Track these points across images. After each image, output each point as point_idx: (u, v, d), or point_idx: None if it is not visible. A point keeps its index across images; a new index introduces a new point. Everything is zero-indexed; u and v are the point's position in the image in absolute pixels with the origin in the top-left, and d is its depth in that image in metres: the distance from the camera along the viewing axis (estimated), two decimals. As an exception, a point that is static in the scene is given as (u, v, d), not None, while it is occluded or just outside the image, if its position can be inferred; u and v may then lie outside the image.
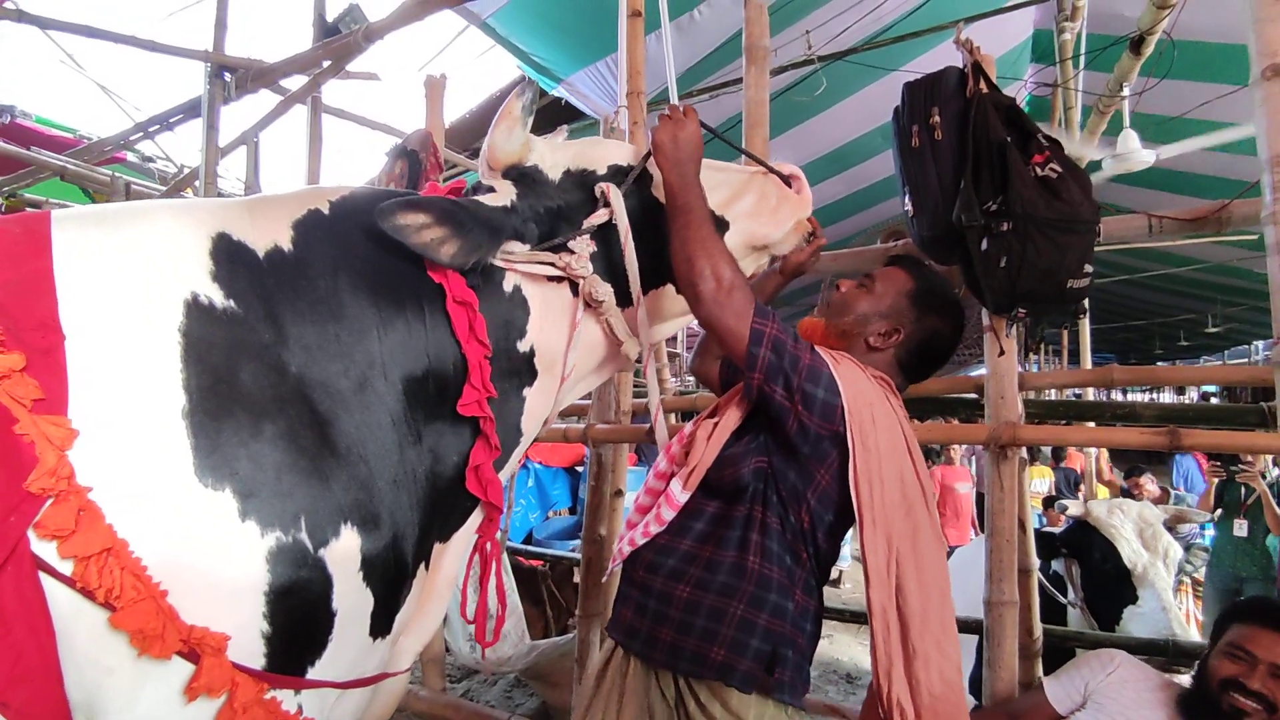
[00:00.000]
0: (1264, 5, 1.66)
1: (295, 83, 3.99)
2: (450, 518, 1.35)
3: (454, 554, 1.40)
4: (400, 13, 3.22)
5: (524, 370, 1.37)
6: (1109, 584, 2.62)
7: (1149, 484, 5.14)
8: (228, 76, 3.78)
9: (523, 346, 1.36)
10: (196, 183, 4.17)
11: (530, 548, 3.80)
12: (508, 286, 1.35)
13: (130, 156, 5.81)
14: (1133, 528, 2.66)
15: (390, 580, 1.18)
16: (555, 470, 5.54)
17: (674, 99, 3.19)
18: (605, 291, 1.38)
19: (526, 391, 1.39)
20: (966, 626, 2.28)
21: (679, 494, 1.37)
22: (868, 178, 6.23)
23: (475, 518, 1.40)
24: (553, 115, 5.70)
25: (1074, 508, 2.83)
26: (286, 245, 1.19)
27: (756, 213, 1.56)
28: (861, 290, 1.51)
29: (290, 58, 3.71)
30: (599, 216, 1.39)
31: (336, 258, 1.21)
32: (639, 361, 1.49)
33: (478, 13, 4.51)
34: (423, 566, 1.30)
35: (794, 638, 1.31)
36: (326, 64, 3.72)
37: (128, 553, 0.87)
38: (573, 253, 1.35)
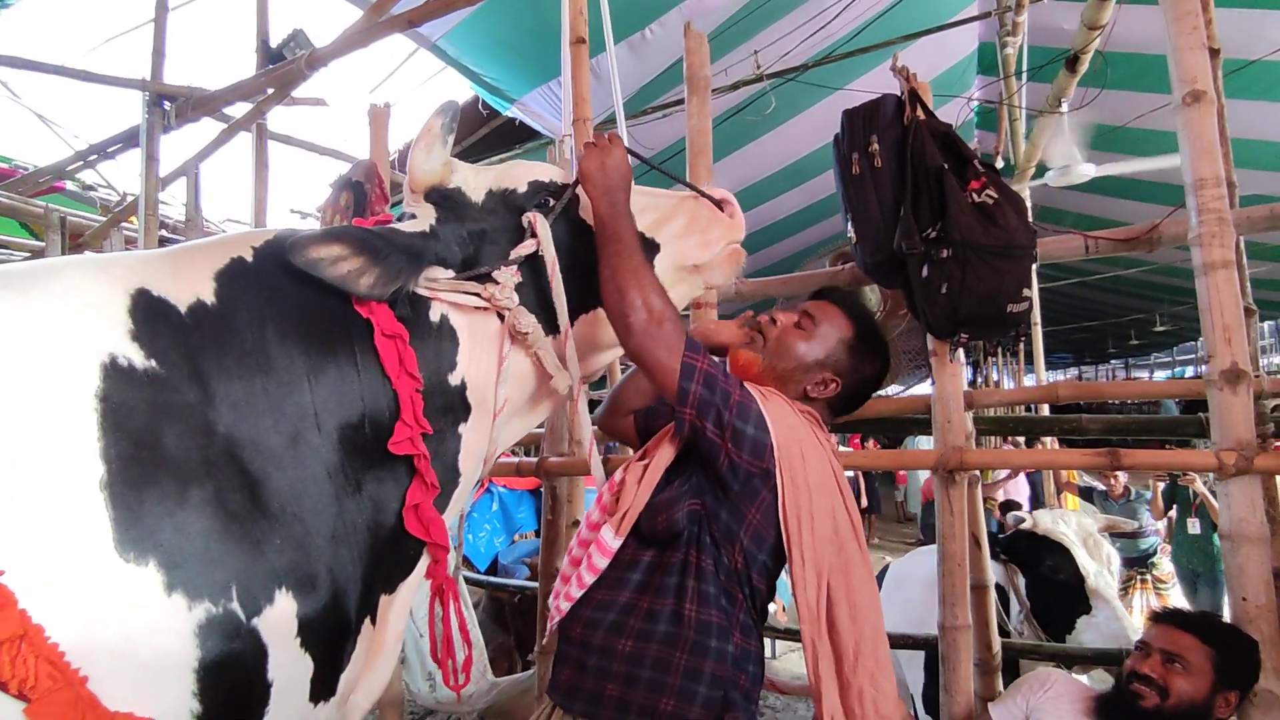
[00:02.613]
0: (1181, 33, 1.71)
1: (240, 109, 3.91)
2: (395, 567, 1.30)
3: (401, 605, 1.35)
4: (345, 39, 3.17)
5: (458, 405, 1.32)
6: (1060, 594, 2.65)
7: (1120, 476, 5.17)
8: (167, 105, 3.70)
9: (454, 380, 1.31)
10: (138, 213, 4.07)
11: (494, 579, 3.74)
12: (435, 317, 1.30)
13: (71, 185, 5.64)
14: (1076, 537, 2.71)
15: (332, 642, 1.13)
16: (520, 493, 5.47)
17: (621, 122, 3.19)
18: (529, 323, 1.34)
19: (462, 428, 1.34)
20: (916, 643, 2.31)
21: (610, 540, 1.33)
22: (823, 191, 6.30)
23: (422, 565, 1.35)
24: (507, 135, 5.68)
25: (1014, 517, 2.87)
26: (209, 298, 1.14)
27: (686, 234, 1.52)
28: (800, 332, 1.45)
29: (232, 85, 3.63)
30: (525, 247, 1.35)
31: (262, 306, 1.17)
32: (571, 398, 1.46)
33: (428, 35, 4.46)
34: (368, 621, 1.25)
35: (737, 679, 1.29)
36: (270, 91, 3.65)
37: (42, 639, 0.83)
38: (497, 283, 1.32)
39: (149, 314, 1.07)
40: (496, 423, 1.37)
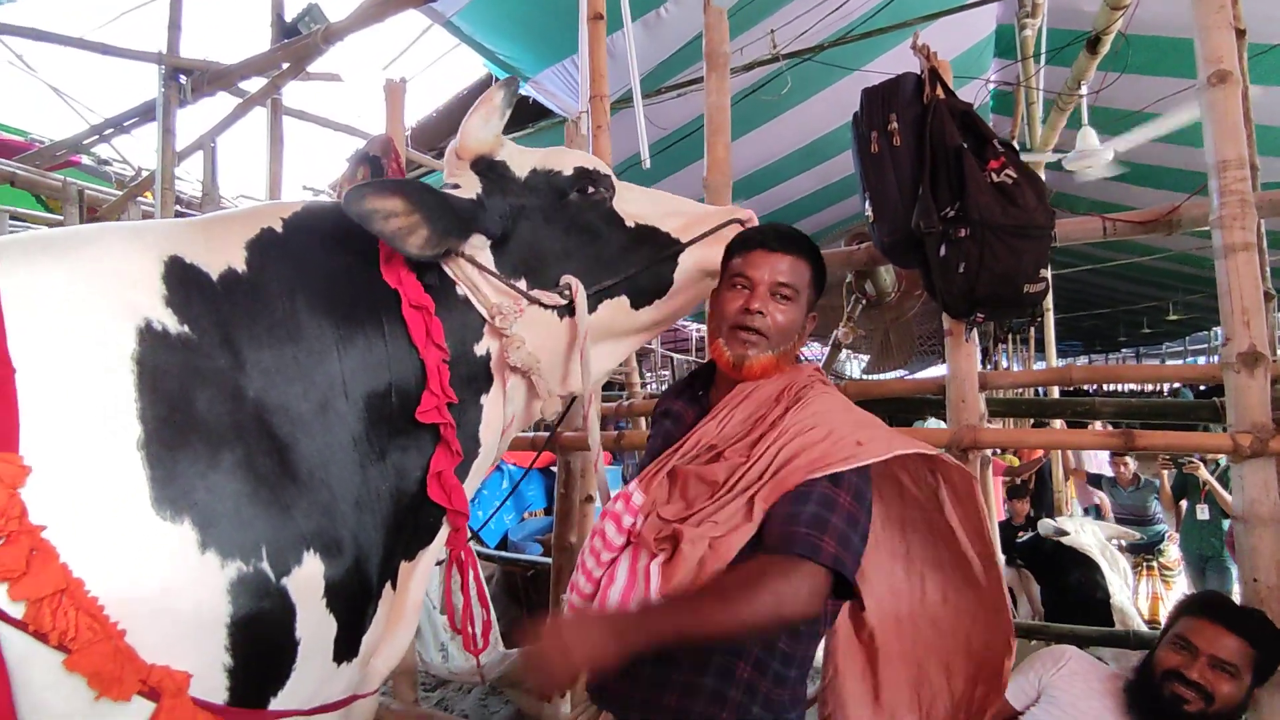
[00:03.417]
0: (1207, 13, 1.70)
1: (254, 84, 3.91)
2: (416, 534, 1.33)
3: (421, 573, 1.38)
4: (361, 13, 3.16)
5: (481, 376, 1.34)
6: (1083, 609, 2.56)
7: (1131, 463, 5.18)
8: (183, 79, 3.70)
9: (479, 350, 1.33)
10: (154, 187, 4.08)
11: (507, 554, 3.79)
12: (461, 291, 1.32)
13: (85, 160, 5.66)
14: (1098, 549, 2.67)
15: (354, 605, 1.17)
16: (530, 471, 5.52)
17: (637, 99, 3.18)
18: (524, 357, 1.33)
19: (484, 399, 1.36)
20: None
21: (656, 586, 1.24)
22: (840, 171, 6.26)
23: (442, 534, 1.38)
24: (520, 113, 5.66)
25: (1050, 523, 2.77)
26: (240, 267, 1.17)
27: (713, 243, 1.53)
28: (789, 304, 1.35)
29: (248, 60, 3.63)
30: (553, 299, 1.36)
31: (292, 277, 1.19)
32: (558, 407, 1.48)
33: (442, 11, 4.45)
34: (389, 586, 1.28)
35: (784, 702, 1.27)
36: (285, 65, 3.65)
37: (83, 592, 0.85)
38: (516, 311, 1.32)
39: (182, 281, 1.10)
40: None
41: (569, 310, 1.38)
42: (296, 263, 1.21)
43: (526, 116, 5.64)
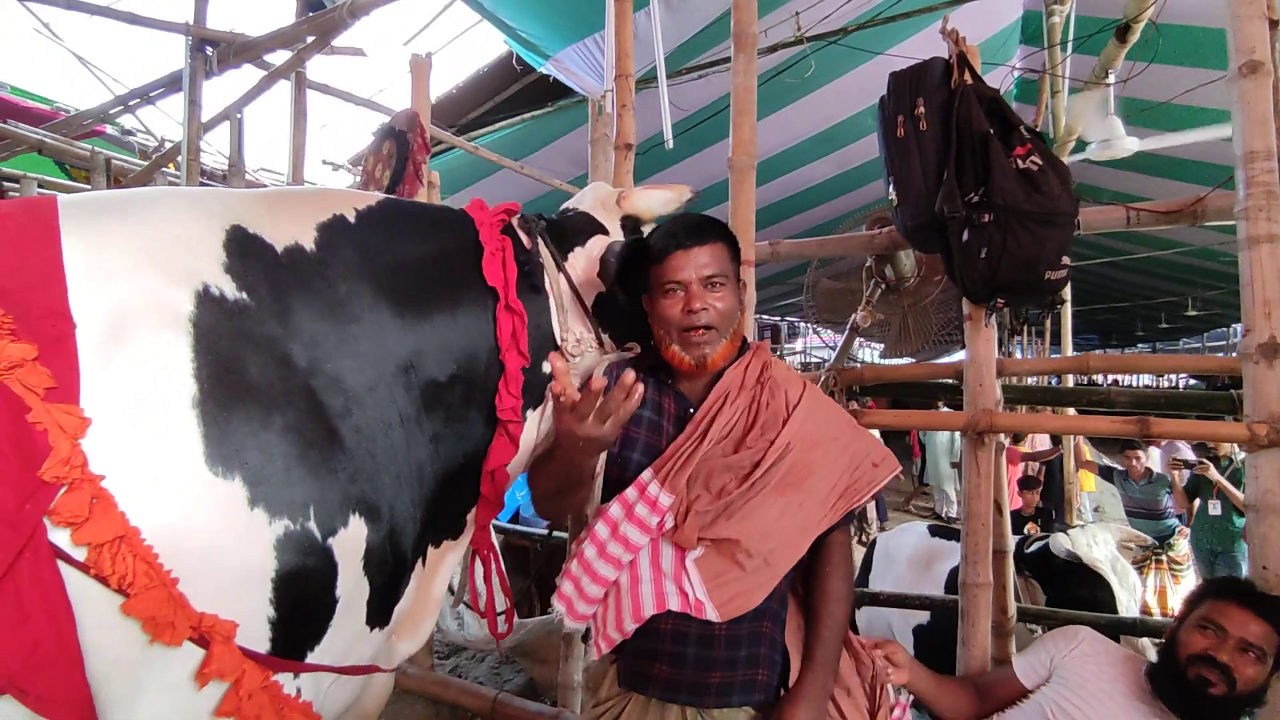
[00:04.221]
0: (1240, 2, 1.68)
1: (279, 58, 3.93)
2: (448, 522, 1.41)
3: (447, 566, 1.46)
4: (386, -13, 3.17)
5: (538, 392, 1.42)
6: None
7: (1143, 456, 5.18)
8: (209, 50, 3.72)
9: (545, 368, 1.42)
10: (179, 158, 4.12)
11: (519, 528, 3.85)
12: (550, 306, 1.43)
13: (110, 130, 5.70)
14: (1108, 563, 2.66)
15: (389, 572, 1.21)
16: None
17: (661, 79, 3.18)
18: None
19: (530, 414, 1.42)
20: (922, 604, 2.37)
21: (699, 582, 1.33)
22: (857, 158, 6.23)
23: (468, 533, 1.46)
24: (540, 92, 5.64)
25: (1063, 542, 2.70)
26: (309, 245, 1.22)
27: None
28: (722, 289, 1.37)
29: (274, 32, 3.65)
30: (617, 353, 1.55)
31: (359, 263, 1.25)
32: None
33: (465, -14, 4.44)
34: (420, 563, 1.35)
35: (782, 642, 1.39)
36: (311, 39, 3.67)
37: (139, 540, 0.88)
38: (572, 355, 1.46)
39: (242, 249, 1.13)
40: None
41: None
42: (366, 251, 1.27)
43: (547, 96, 5.63)
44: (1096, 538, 2.78)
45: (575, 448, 1.24)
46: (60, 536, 0.85)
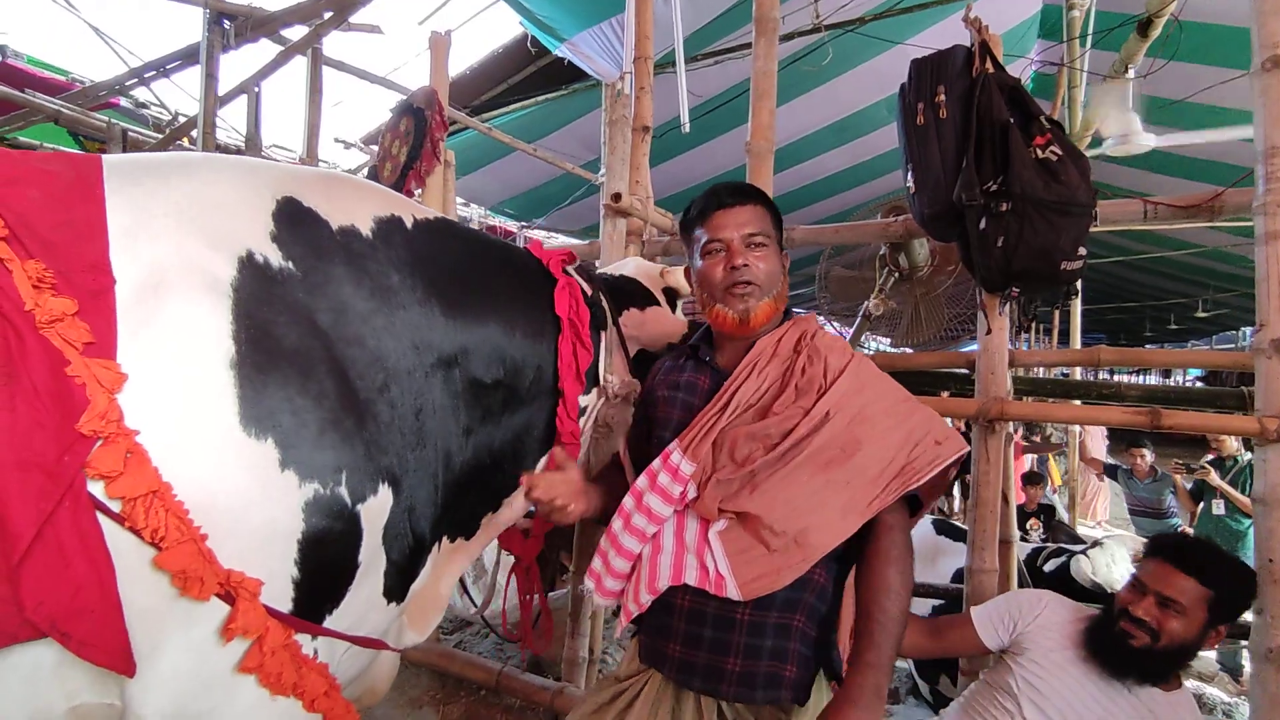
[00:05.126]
0: (1267, -4, 1.68)
1: (296, 33, 3.93)
2: (466, 516, 1.46)
3: (458, 565, 1.51)
4: (406, -35, 3.16)
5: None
6: None
7: (1148, 455, 5.12)
8: (227, 24, 3.73)
9: (584, 400, 1.56)
10: (193, 132, 4.13)
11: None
12: (602, 348, 1.61)
13: (123, 102, 5.70)
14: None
15: (407, 548, 1.24)
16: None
17: (680, 65, 3.18)
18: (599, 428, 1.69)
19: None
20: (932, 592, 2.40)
21: (720, 553, 1.27)
22: (871, 150, 6.19)
23: (479, 538, 1.53)
24: (554, 75, 5.63)
25: (1085, 568, 2.62)
26: (365, 232, 1.25)
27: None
28: (765, 249, 1.35)
29: (292, 7, 3.66)
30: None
31: (413, 263, 1.29)
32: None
33: (482, -34, 4.42)
34: (437, 546, 1.38)
35: (833, 646, 1.31)
36: (329, 15, 3.67)
37: (171, 495, 0.90)
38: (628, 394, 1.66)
39: (293, 221, 1.15)
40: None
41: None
42: (420, 252, 1.32)
43: (560, 79, 5.62)
44: (1115, 555, 2.74)
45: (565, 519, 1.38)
46: (95, 489, 0.86)
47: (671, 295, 1.86)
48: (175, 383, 0.94)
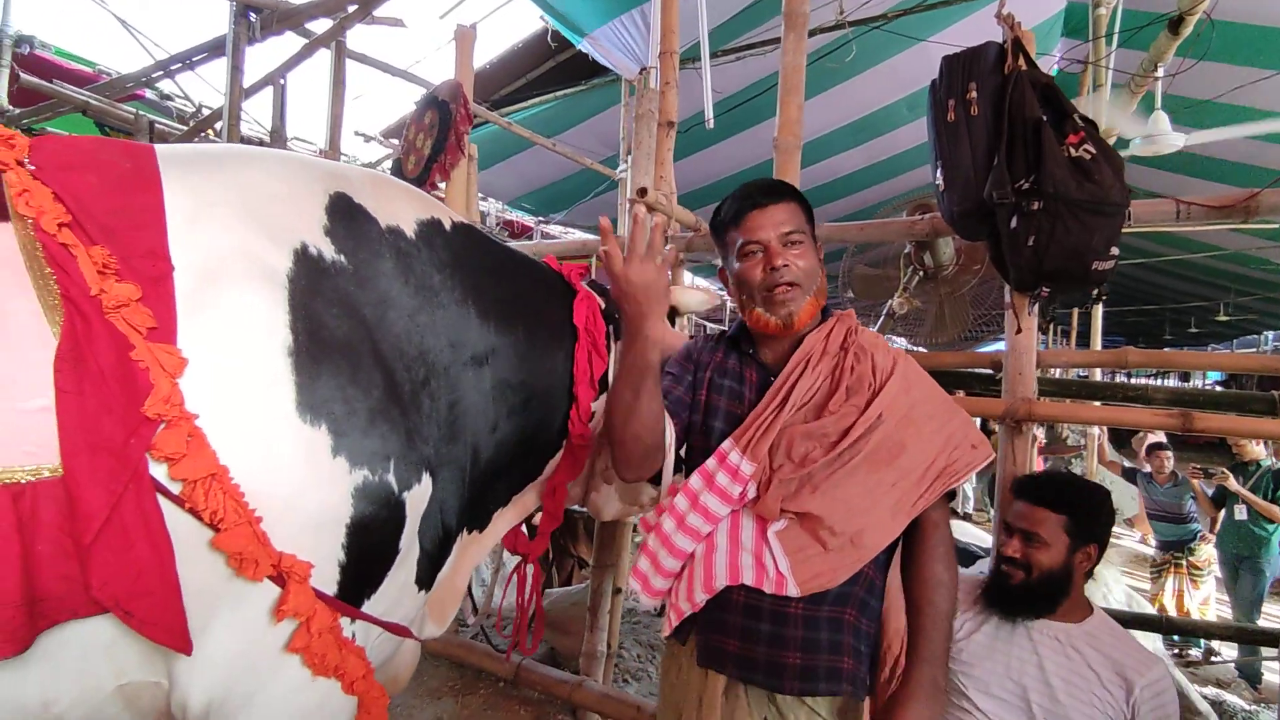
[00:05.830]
0: (1310, -5, 1.66)
1: (320, 26, 3.96)
2: (481, 509, 1.50)
3: (471, 557, 1.54)
4: (432, -41, 3.18)
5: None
6: None
7: (1168, 460, 5.04)
8: (253, 16, 3.76)
9: (596, 406, 1.59)
10: (219, 124, 4.17)
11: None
12: (611, 358, 1.62)
13: (149, 94, 5.76)
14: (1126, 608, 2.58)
15: (437, 536, 1.28)
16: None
17: (705, 59, 3.18)
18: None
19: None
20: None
21: (780, 553, 1.27)
22: (891, 149, 6.16)
23: (492, 529, 1.57)
24: (574, 70, 5.64)
25: None
26: (409, 232, 1.29)
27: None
28: (802, 247, 1.34)
29: (317, 0, 3.67)
30: None
31: (453, 265, 1.34)
32: None
33: (505, -39, 4.43)
34: (460, 538, 1.42)
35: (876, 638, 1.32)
36: (353, 8, 3.69)
37: (228, 479, 0.92)
38: None
39: (345, 216, 1.19)
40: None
41: None
42: (459, 255, 1.38)
43: (581, 74, 5.62)
44: (1110, 584, 2.71)
45: (635, 307, 1.18)
46: (158, 471, 0.88)
47: (672, 312, 1.92)
48: (233, 369, 0.97)
